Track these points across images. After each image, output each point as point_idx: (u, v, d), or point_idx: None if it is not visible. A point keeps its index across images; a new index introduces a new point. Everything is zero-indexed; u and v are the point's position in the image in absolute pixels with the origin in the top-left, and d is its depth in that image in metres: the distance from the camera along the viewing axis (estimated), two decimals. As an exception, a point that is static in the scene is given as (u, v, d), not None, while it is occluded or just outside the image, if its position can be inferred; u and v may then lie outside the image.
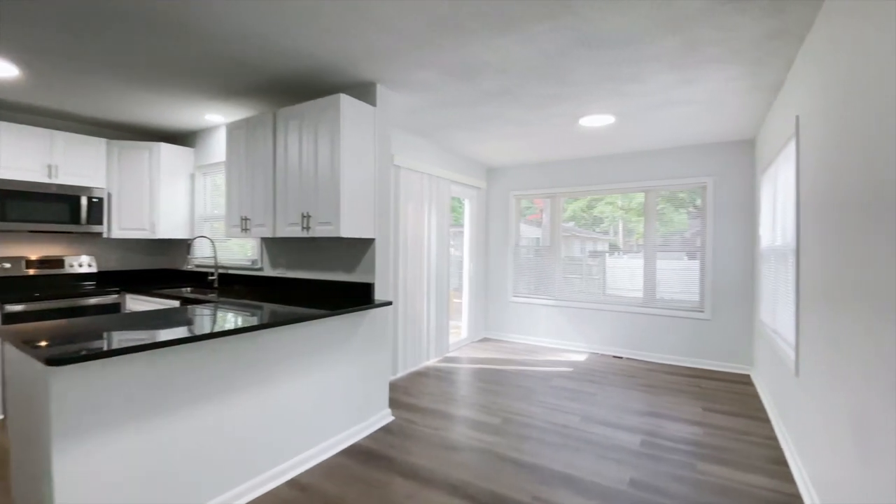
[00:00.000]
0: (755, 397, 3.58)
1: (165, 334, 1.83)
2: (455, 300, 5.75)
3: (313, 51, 2.45)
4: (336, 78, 2.85)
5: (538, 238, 5.61)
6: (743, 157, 4.29)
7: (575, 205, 5.37)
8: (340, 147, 2.67)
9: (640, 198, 4.89)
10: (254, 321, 2.17)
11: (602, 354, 4.94)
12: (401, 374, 4.01)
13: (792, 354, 2.49)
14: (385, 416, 3.01)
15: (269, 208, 3.09)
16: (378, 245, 2.95)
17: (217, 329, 1.96)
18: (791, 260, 2.78)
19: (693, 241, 4.60)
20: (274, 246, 3.52)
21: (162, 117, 3.87)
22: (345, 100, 2.69)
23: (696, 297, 4.54)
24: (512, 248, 5.64)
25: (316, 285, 3.19)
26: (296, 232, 2.90)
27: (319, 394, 2.55)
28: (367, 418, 2.88)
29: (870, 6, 1.49)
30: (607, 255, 5.20)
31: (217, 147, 4.15)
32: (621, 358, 4.81)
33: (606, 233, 5.32)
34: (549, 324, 5.35)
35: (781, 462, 2.48)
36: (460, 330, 5.53)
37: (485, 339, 5.65)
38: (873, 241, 1.43)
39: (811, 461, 2.12)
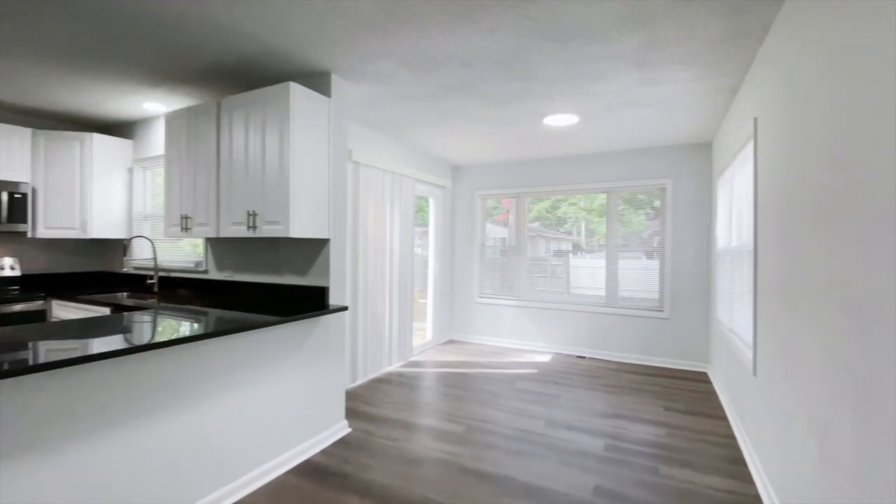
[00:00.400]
0: (712, 395, 3.65)
1: (73, 348, 1.59)
2: (421, 300, 5.61)
3: (261, 34, 2.24)
4: (287, 66, 2.64)
5: (505, 238, 5.56)
6: (700, 159, 4.38)
7: (540, 205, 5.36)
8: (290, 140, 2.47)
9: (602, 199, 4.93)
10: (190, 331, 1.94)
11: (566, 355, 4.94)
12: (360, 381, 3.83)
13: (749, 354, 2.51)
14: (341, 429, 2.83)
15: (213, 206, 2.83)
16: (333, 246, 2.77)
17: (142, 342, 1.73)
18: (748, 260, 2.81)
19: (650, 241, 4.68)
20: (220, 247, 3.25)
21: (95, 105, 3.51)
22: (295, 88, 2.49)
23: (656, 297, 4.61)
24: (478, 249, 5.55)
25: (266, 289, 2.95)
26: (241, 232, 2.67)
27: (267, 407, 2.34)
28: (321, 431, 2.69)
29: (828, 7, 1.47)
30: (571, 255, 5.22)
31: (158, 139, 3.82)
32: (584, 358, 4.82)
33: (570, 233, 5.33)
34: (515, 325, 5.30)
35: (740, 462, 2.50)
36: (425, 332, 5.39)
37: (450, 341, 5.54)
38: (830, 243, 1.40)
39: (769, 461, 2.13)
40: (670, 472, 2.38)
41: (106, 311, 3.00)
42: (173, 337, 1.82)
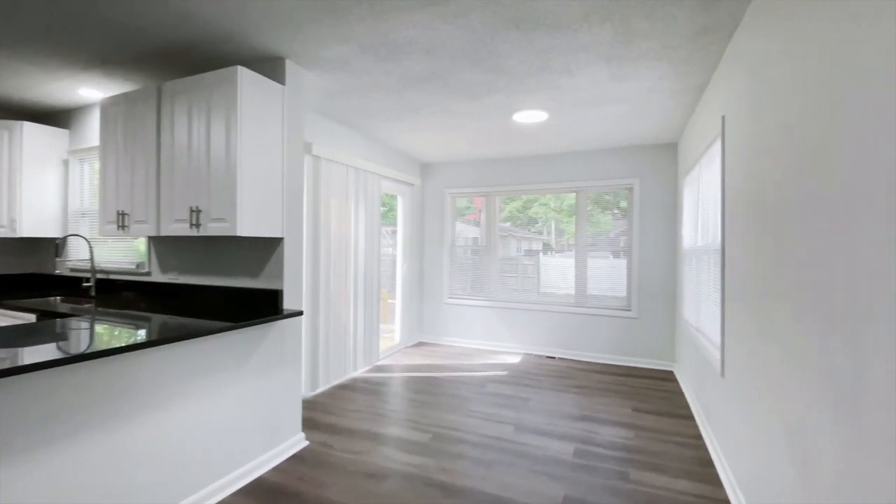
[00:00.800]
0: (679, 394, 3.66)
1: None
2: (390, 301, 5.44)
3: (208, 13, 2.02)
4: (236, 49, 2.42)
5: (477, 238, 5.45)
6: (667, 160, 4.41)
7: (512, 205, 5.30)
8: (238, 129, 2.25)
9: (571, 199, 4.90)
10: (122, 340, 1.71)
11: (536, 355, 4.88)
12: (322, 388, 3.62)
13: (717, 355, 2.48)
14: (297, 442, 2.63)
15: (152, 201, 2.58)
16: (288, 246, 2.56)
17: (62, 354, 1.49)
18: (714, 260, 2.80)
19: (617, 241, 4.69)
20: (164, 247, 2.98)
21: (25, 90, 3.16)
22: (244, 73, 2.28)
23: (624, 296, 4.62)
24: (448, 248, 5.42)
25: (215, 293, 2.72)
26: (183, 230, 2.43)
27: (212, 423, 2.12)
28: (275, 446, 2.48)
29: (796, 3, 1.41)
30: (541, 254, 5.18)
31: (96, 128, 3.49)
32: (554, 358, 4.77)
33: (541, 233, 5.29)
34: (485, 325, 5.21)
35: (708, 464, 2.47)
36: (393, 335, 5.21)
37: (420, 344, 5.39)
38: (805, 242, 1.35)
39: (737, 463, 2.10)
40: (640, 478, 2.32)
41: (31, 317, 2.69)
42: (101, 348, 1.59)
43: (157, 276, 3.03)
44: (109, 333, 1.89)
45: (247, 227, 2.29)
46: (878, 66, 0.98)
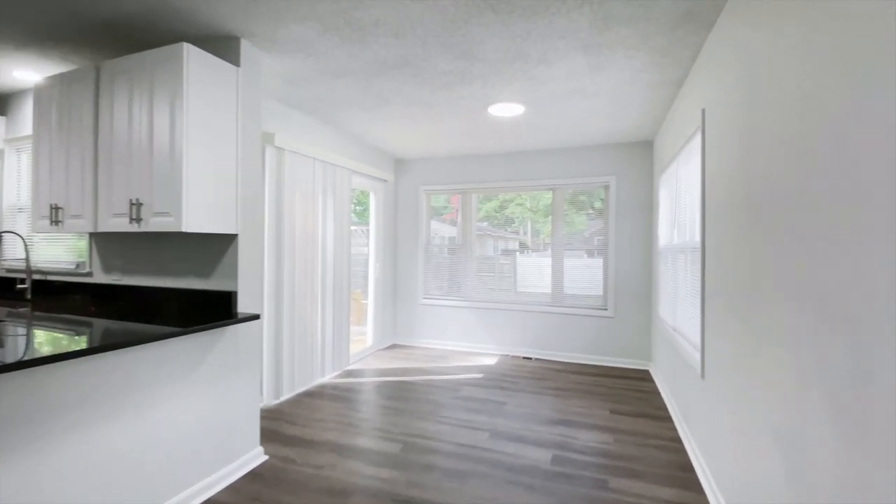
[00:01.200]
0: (656, 394, 3.60)
1: None
2: (364, 301, 5.23)
3: (135, -23, 1.79)
4: (186, 27, 2.19)
5: (454, 237, 5.30)
6: (643, 157, 4.37)
7: (489, 205, 5.19)
8: (184, 113, 2.03)
9: (547, 198, 4.82)
10: (48, 349, 1.47)
11: (513, 356, 4.77)
12: (286, 396, 3.39)
13: (697, 356, 2.41)
14: (255, 458, 2.42)
15: (89, 194, 2.32)
16: (243, 243, 2.35)
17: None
18: (692, 258, 2.74)
19: (591, 241, 4.64)
20: (107, 245, 2.71)
21: (-63, 67, 2.82)
22: (191, 51, 2.06)
23: (601, 296, 4.56)
24: (422, 247, 5.26)
25: (162, 295, 2.47)
26: (122, 225, 2.18)
27: (157, 440, 1.89)
28: (229, 463, 2.26)
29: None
30: (518, 253, 5.08)
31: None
32: (531, 359, 4.68)
33: (517, 232, 5.20)
34: (461, 327, 5.06)
35: (688, 468, 2.39)
36: (365, 338, 5.01)
37: (393, 346, 5.20)
38: (799, 240, 1.25)
39: (720, 470, 2.01)
40: (620, 486, 2.22)
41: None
42: (19, 358, 1.35)
43: (100, 277, 2.75)
44: (39, 341, 1.64)
45: (194, 222, 2.06)
46: (881, 54, 0.88)
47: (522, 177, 4.79)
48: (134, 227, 2.14)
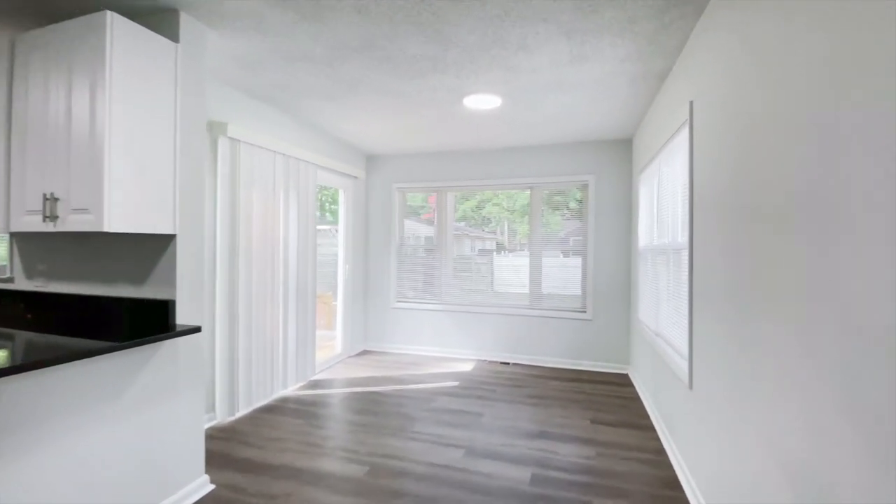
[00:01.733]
0: (636, 399, 3.48)
1: None
2: (334, 303, 4.93)
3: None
4: (107, -9, 1.89)
5: (431, 237, 5.07)
6: (622, 156, 4.26)
7: (466, 204, 4.99)
8: (107, 93, 1.73)
9: (524, 199, 4.67)
10: None
11: (490, 361, 4.59)
12: (242, 412, 3.09)
13: (684, 366, 2.27)
14: (199, 488, 2.13)
15: (1, 188, 1.98)
16: (183, 245, 2.05)
17: None
18: (675, 259, 2.61)
19: (567, 241, 4.52)
20: (29, 247, 2.35)
21: None
22: (116, 21, 1.76)
23: (579, 298, 4.43)
24: (395, 248, 5.01)
25: (91, 304, 2.14)
26: (35, 224, 1.86)
27: (75, 478, 1.59)
28: (166, 497, 1.97)
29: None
30: (495, 253, 4.90)
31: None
32: (508, 364, 4.50)
33: (494, 233, 5.03)
34: (436, 331, 4.84)
35: (675, 485, 2.25)
36: (334, 344, 4.72)
37: (364, 353, 4.93)
38: (812, 241, 1.09)
39: (710, 490, 1.87)
40: (605, 508, 2.05)
41: None
42: None
43: (22, 284, 2.39)
44: None
45: (119, 220, 1.76)
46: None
47: (500, 175, 4.61)
48: (48, 227, 1.82)
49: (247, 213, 3.09)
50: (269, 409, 3.20)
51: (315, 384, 3.81)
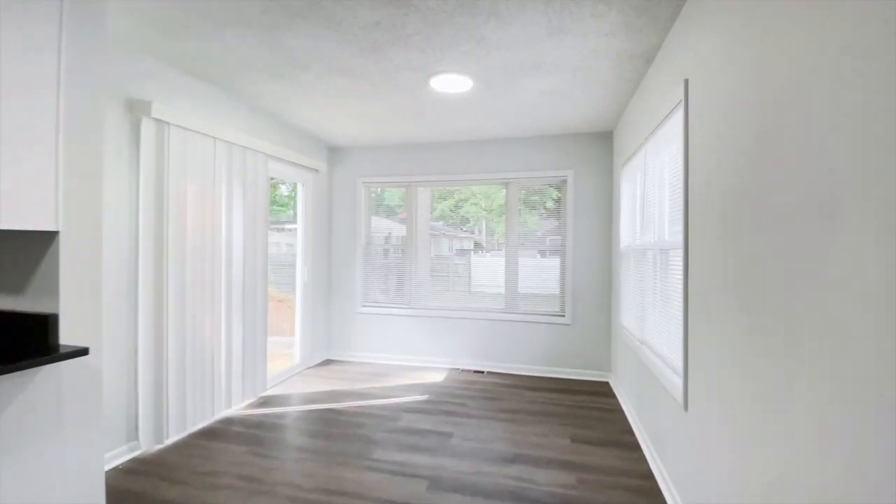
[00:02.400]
0: (618, 412, 3.22)
1: None
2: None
3: None
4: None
5: (403, 236, 4.70)
6: (602, 150, 4.01)
7: (444, 204, 4.65)
8: (-54, 44, 1.31)
9: (501, 198, 4.36)
10: None
11: (463, 370, 4.26)
12: (173, 438, 2.66)
13: (678, 382, 1.99)
14: (93, 548, 1.71)
15: None
16: (70, 245, 1.63)
17: None
18: (662, 259, 2.34)
19: (544, 241, 4.25)
20: None
21: None
22: (-41, -49, 1.34)
23: (557, 299, 4.16)
24: (362, 247, 4.62)
25: (-47, 319, 1.70)
26: None
27: None
28: (45, 565, 1.55)
29: None
30: (472, 253, 4.58)
31: None
32: (483, 373, 4.19)
33: (472, 232, 4.71)
34: (406, 337, 4.49)
35: (667, 518, 1.97)
36: (293, 354, 4.30)
37: (327, 363, 4.53)
38: (811, 240, 0.80)
39: (713, 533, 1.59)
40: (590, 553, 1.75)
41: None
42: None
43: None
44: None
45: (-36, 211, 1.34)
46: None
47: (474, 170, 4.29)
48: None
49: (178, 208, 2.66)
50: (207, 434, 2.77)
51: (266, 401, 3.39)
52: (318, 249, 4.45)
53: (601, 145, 4.01)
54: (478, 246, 4.65)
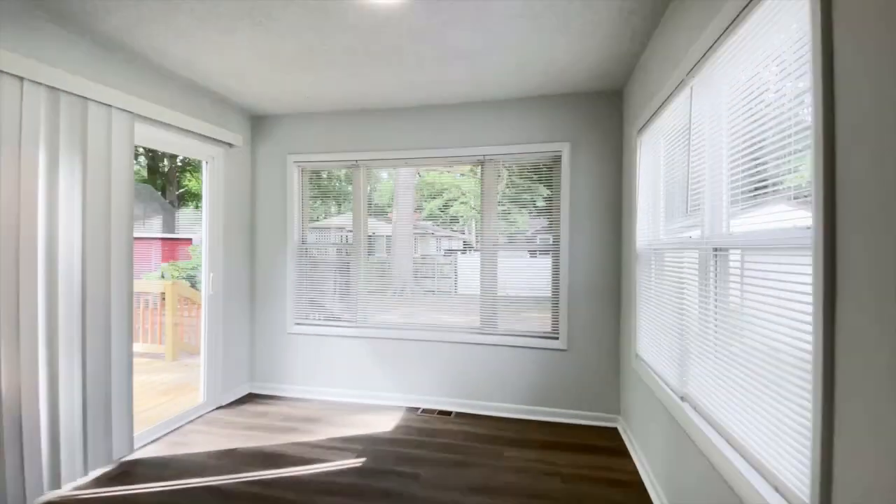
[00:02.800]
0: (636, 486, 2.21)
1: None
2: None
3: None
4: None
5: (389, 237, 3.66)
6: (608, 115, 3.00)
7: (433, 203, 3.62)
8: None
9: (471, 184, 3.33)
10: None
11: (424, 410, 3.23)
12: None
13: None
14: None
15: None
16: None
17: None
18: (722, 265, 1.34)
19: (534, 240, 3.24)
20: None
21: None
22: None
23: (548, 317, 3.14)
24: (294, 249, 3.56)
25: None
26: None
27: None
28: None
29: None
30: (459, 253, 3.57)
31: None
32: (450, 414, 3.16)
33: (462, 232, 3.71)
34: (352, 365, 3.43)
35: None
36: (197, 392, 3.23)
37: (247, 399, 3.45)
38: None
39: None
40: None
41: None
42: None
43: None
44: None
45: None
46: None
47: (438, 143, 3.26)
48: None
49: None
50: (-23, 552, 1.70)
51: (127, 470, 2.32)
52: (234, 251, 3.38)
53: (607, 108, 3.00)
54: (468, 244, 3.60)
